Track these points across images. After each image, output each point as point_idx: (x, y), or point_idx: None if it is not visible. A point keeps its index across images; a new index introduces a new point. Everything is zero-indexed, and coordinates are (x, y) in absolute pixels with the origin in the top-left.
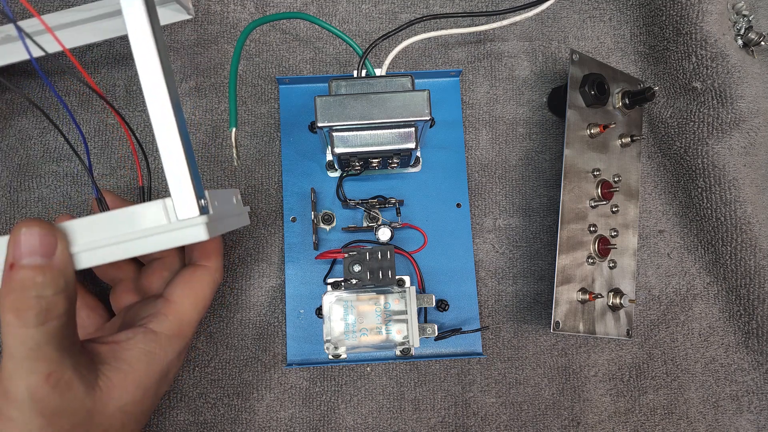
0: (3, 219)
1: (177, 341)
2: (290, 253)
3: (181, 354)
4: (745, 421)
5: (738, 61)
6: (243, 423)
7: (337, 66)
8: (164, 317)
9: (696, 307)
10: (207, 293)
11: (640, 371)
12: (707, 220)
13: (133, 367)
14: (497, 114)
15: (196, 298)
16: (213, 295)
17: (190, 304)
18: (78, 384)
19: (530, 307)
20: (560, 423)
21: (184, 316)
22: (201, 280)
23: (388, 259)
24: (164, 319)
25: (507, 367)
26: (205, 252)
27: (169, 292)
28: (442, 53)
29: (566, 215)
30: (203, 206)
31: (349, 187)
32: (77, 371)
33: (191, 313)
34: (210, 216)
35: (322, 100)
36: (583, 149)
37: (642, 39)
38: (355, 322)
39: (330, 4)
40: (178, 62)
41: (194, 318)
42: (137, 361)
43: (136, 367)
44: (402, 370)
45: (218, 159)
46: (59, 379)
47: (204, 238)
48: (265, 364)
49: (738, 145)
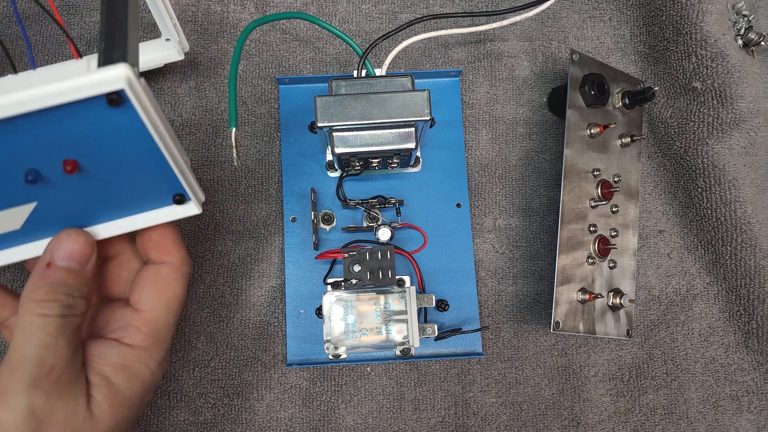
0: None
1: (156, 351)
2: (290, 253)
3: (163, 362)
4: (745, 421)
5: (738, 61)
6: (243, 423)
7: (337, 66)
8: (136, 330)
9: (696, 307)
10: (178, 291)
11: (640, 371)
12: (707, 220)
13: (115, 384)
14: (497, 114)
15: (167, 300)
16: (186, 290)
17: (162, 308)
18: (74, 392)
19: (530, 307)
20: (560, 423)
21: (159, 324)
22: (168, 279)
23: (388, 259)
24: (137, 331)
25: (507, 367)
26: (161, 246)
27: (137, 300)
28: (442, 53)
29: (566, 215)
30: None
31: (349, 187)
32: (77, 381)
33: (165, 317)
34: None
35: (322, 100)
36: (583, 149)
37: (642, 39)
38: (355, 322)
39: (330, 4)
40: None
41: (170, 321)
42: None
43: (117, 384)
44: (402, 370)
45: (218, 159)
46: (59, 377)
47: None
48: (265, 364)
49: (738, 145)
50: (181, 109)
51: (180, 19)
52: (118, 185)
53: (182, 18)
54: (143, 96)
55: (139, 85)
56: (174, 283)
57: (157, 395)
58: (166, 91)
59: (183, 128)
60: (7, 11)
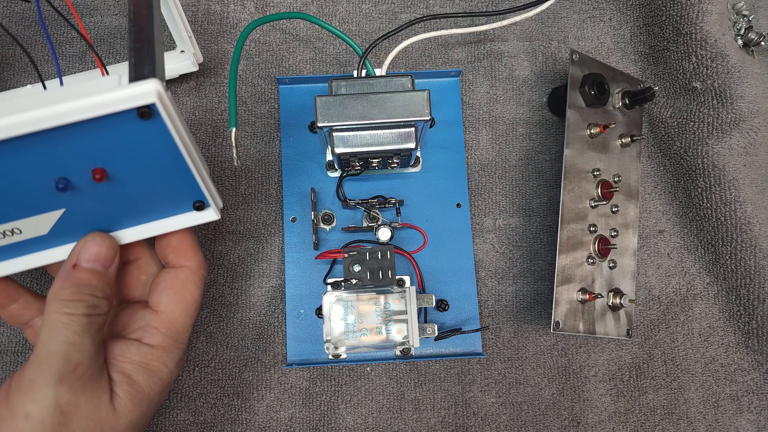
0: None
1: (174, 351)
2: (290, 253)
3: (180, 362)
4: (745, 421)
5: (738, 61)
6: (243, 423)
7: (337, 66)
8: (156, 330)
9: (696, 307)
10: (195, 294)
11: (640, 371)
12: (707, 220)
13: (136, 381)
14: (497, 114)
15: (185, 302)
16: (202, 293)
17: (181, 310)
18: (98, 388)
19: (530, 307)
20: (560, 423)
21: (177, 325)
22: (186, 282)
23: (388, 259)
24: (156, 332)
25: (507, 367)
26: (180, 251)
27: (156, 302)
28: (442, 53)
29: (566, 215)
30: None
31: (349, 187)
32: (100, 378)
33: (183, 319)
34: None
35: (322, 100)
36: (583, 149)
37: (642, 39)
38: (355, 322)
39: (330, 4)
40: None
41: (187, 323)
42: (137, 375)
43: (138, 381)
44: (402, 370)
45: (218, 159)
46: (84, 373)
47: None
48: (265, 364)
49: (738, 145)
50: (181, 109)
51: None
52: (142, 192)
53: None
54: (171, 109)
55: (167, 98)
56: (192, 286)
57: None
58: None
59: None
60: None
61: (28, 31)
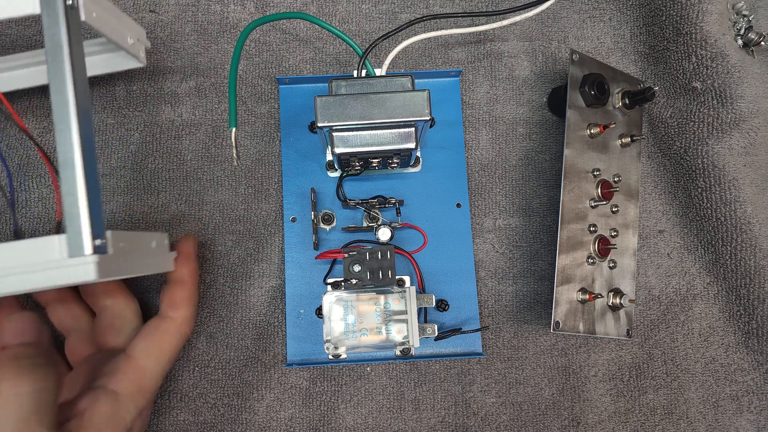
0: (2, 219)
1: (138, 399)
2: (290, 253)
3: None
4: (745, 421)
5: (738, 61)
6: (243, 423)
7: (337, 66)
8: (123, 375)
9: (696, 307)
10: (172, 346)
11: (640, 371)
12: (707, 220)
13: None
14: (497, 114)
15: (160, 351)
16: (180, 348)
17: (153, 359)
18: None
19: (530, 307)
20: (560, 423)
21: (146, 372)
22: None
23: (388, 259)
24: (123, 377)
25: (507, 367)
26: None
27: (131, 347)
28: (442, 53)
29: (566, 215)
30: (99, 246)
31: (349, 187)
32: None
33: (153, 368)
34: (105, 257)
35: (322, 100)
36: (583, 149)
37: (642, 39)
38: (355, 322)
39: (330, 4)
40: (178, 62)
41: (157, 372)
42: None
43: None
44: (402, 370)
45: (218, 159)
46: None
47: (93, 278)
48: (265, 364)
49: (738, 145)
50: (181, 109)
51: (180, 19)
52: None
53: (182, 18)
54: None
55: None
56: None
57: (157, 395)
58: (166, 91)
59: (183, 128)
60: None
61: None
